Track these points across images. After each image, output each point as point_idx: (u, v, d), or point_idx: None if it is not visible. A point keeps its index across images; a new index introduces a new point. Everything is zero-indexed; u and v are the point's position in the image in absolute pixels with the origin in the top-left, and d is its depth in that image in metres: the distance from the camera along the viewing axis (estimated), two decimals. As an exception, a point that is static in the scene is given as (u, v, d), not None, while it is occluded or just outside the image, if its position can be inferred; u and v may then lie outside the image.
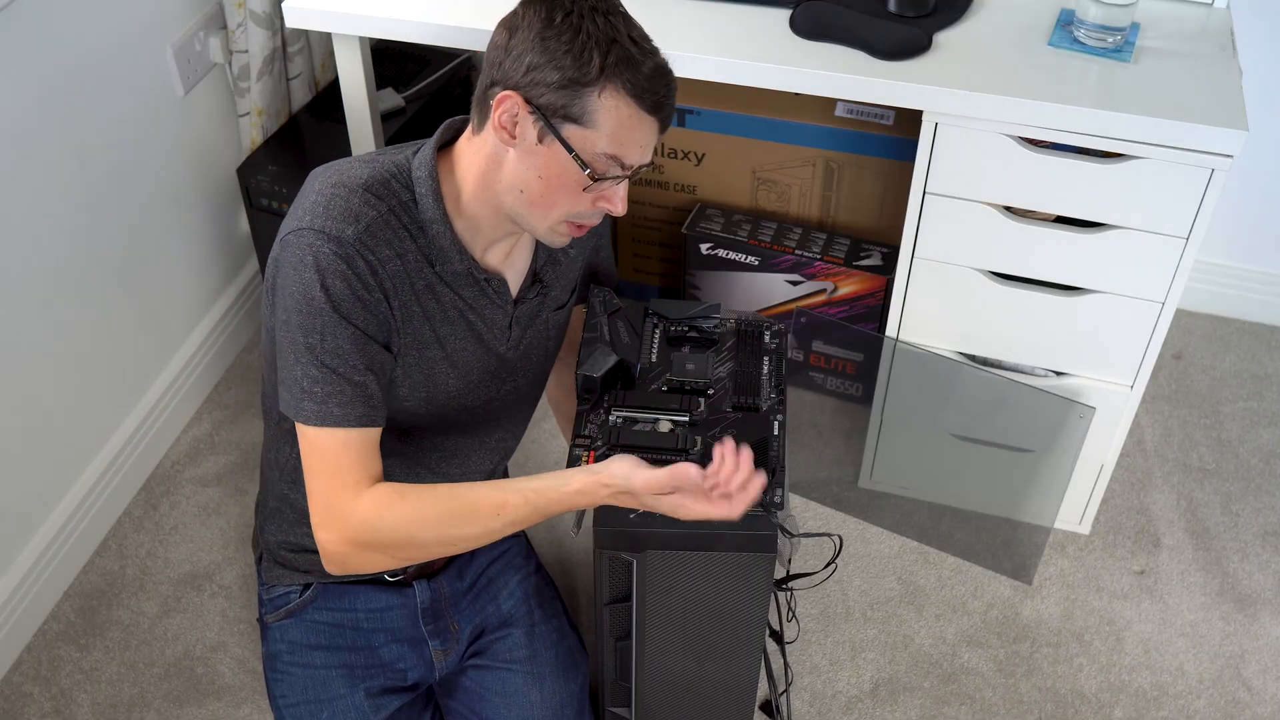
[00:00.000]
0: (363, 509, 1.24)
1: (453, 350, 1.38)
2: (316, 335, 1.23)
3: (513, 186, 1.25)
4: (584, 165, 1.22)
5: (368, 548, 1.26)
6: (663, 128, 1.25)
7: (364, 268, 1.23)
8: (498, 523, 1.25)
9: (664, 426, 1.37)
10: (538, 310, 1.45)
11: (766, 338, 1.49)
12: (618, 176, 1.24)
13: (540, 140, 1.22)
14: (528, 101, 1.20)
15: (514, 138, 1.23)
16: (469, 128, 1.30)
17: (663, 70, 1.23)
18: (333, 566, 1.28)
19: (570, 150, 1.21)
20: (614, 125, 1.20)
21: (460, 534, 1.26)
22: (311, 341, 1.23)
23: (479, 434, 1.50)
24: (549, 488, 1.24)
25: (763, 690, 1.74)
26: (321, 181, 1.27)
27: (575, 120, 1.20)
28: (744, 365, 1.45)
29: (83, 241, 1.84)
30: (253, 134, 2.11)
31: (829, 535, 1.52)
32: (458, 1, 1.71)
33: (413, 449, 1.45)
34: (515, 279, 1.40)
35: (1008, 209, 1.67)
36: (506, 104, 1.21)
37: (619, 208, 1.26)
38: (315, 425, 1.25)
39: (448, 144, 1.33)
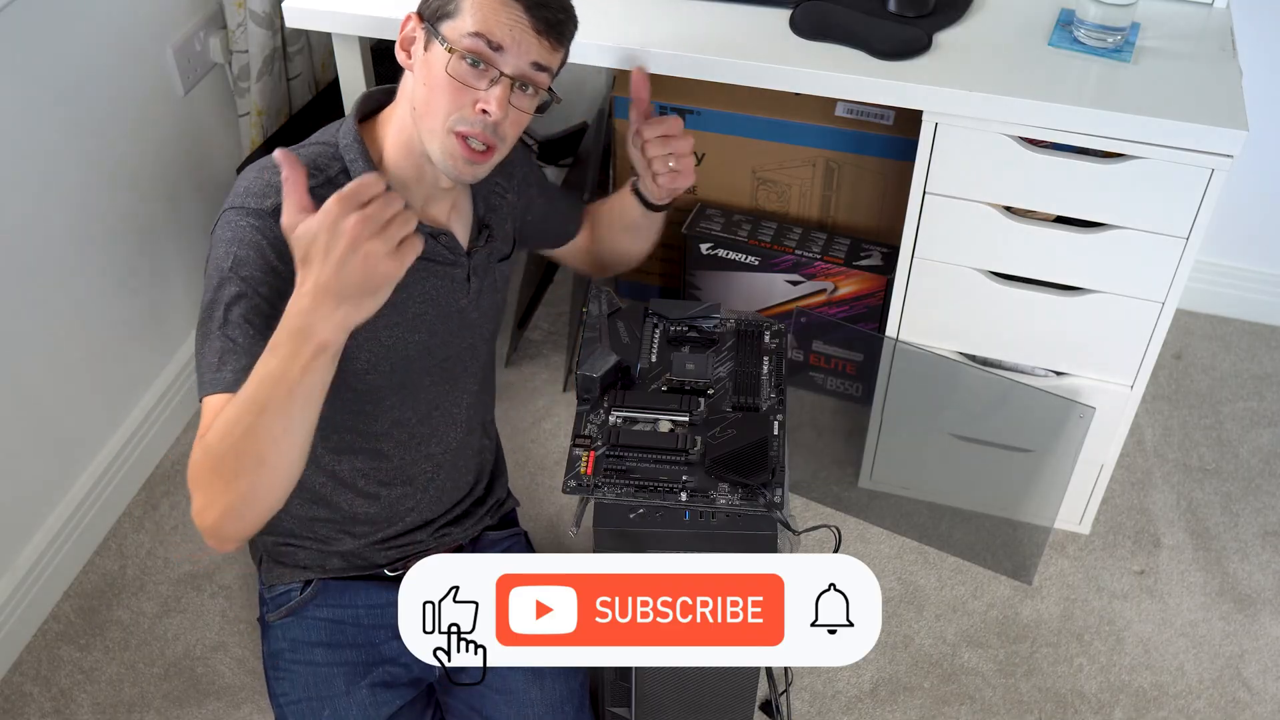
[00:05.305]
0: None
1: (412, 316, 1.40)
2: (222, 306, 1.22)
3: (412, 107, 1.31)
4: (445, 43, 1.26)
5: (197, 487, 1.16)
6: (538, 27, 1.28)
7: (278, 239, 1.20)
8: (280, 392, 1.10)
9: (664, 426, 1.37)
10: (488, 259, 1.49)
11: (766, 338, 1.49)
12: (482, 57, 1.26)
13: (426, 48, 1.29)
14: (420, 16, 1.30)
15: (410, 56, 1.32)
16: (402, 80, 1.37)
17: None
18: (206, 525, 1.16)
19: (439, 38, 1.27)
20: (477, 6, 1.26)
21: (257, 426, 1.11)
22: (217, 314, 1.22)
23: (443, 400, 1.52)
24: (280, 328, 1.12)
25: (763, 690, 1.73)
26: (251, 169, 1.33)
27: (449, 16, 1.27)
28: (744, 365, 1.45)
29: (82, 241, 1.84)
30: (253, 134, 2.11)
31: (827, 527, 1.52)
32: (458, 1, 1.71)
33: (378, 426, 1.46)
34: (463, 230, 1.45)
35: (1008, 209, 1.67)
36: (407, 25, 1.32)
37: (494, 108, 1.28)
38: (208, 393, 1.20)
39: (371, 116, 1.39)
